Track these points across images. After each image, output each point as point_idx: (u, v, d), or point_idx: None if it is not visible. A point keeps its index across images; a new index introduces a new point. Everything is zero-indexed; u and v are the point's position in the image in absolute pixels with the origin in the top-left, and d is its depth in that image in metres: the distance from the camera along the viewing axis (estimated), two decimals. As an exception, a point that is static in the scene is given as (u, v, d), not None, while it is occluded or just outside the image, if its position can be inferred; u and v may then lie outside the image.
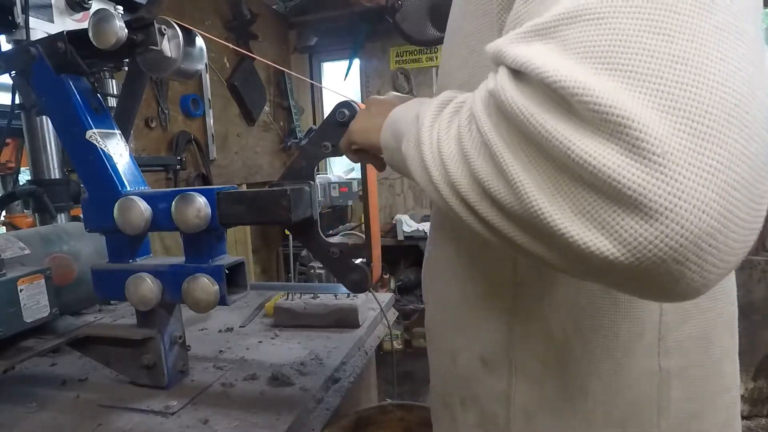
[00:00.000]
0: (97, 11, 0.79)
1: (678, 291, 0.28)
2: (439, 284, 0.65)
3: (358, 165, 0.77)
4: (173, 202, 0.77)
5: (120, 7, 1.27)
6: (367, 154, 0.67)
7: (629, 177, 0.26)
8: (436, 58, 3.46)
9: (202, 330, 1.24)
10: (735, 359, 0.57)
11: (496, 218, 0.34)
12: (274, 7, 3.45)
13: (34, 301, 0.88)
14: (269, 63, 3.01)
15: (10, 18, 1.16)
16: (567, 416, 0.52)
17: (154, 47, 0.82)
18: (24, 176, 1.57)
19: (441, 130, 0.39)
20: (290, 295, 1.28)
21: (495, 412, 0.56)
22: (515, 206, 0.32)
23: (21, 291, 0.85)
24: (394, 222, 3.32)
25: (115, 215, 0.80)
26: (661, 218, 0.26)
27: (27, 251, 1.00)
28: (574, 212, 0.29)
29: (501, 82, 0.32)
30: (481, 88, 0.37)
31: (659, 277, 0.28)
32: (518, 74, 0.32)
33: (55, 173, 1.37)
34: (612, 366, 0.51)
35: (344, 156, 0.70)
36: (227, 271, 0.81)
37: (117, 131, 0.91)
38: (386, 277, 3.40)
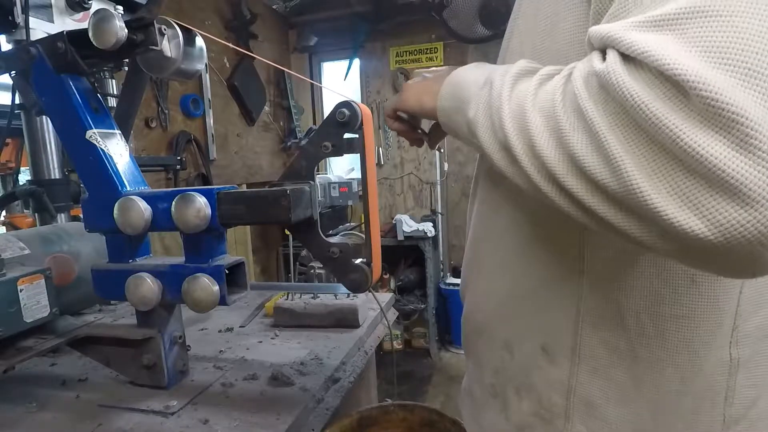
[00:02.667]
0: (97, 11, 0.79)
1: (755, 269, 0.32)
2: (491, 274, 0.63)
3: (358, 165, 0.77)
4: (173, 202, 0.77)
5: (120, 7, 1.27)
6: (407, 125, 0.65)
7: (734, 168, 0.29)
8: (436, 58, 3.46)
9: (202, 330, 1.24)
10: None
11: (586, 194, 0.36)
12: (274, 7, 3.45)
13: (34, 301, 0.88)
14: (269, 63, 3.01)
15: (10, 18, 1.16)
16: (634, 406, 0.51)
17: (154, 47, 0.82)
18: (24, 176, 1.57)
19: (525, 100, 0.40)
20: (290, 295, 1.28)
21: (553, 401, 0.55)
22: (611, 183, 0.34)
23: (21, 291, 0.85)
24: (394, 222, 3.32)
25: (115, 215, 0.80)
26: (757, 206, 0.29)
27: (27, 251, 1.00)
28: (670, 193, 0.31)
29: (612, 65, 0.33)
30: (580, 66, 0.37)
31: (742, 257, 0.31)
32: (630, 60, 0.33)
33: (55, 173, 1.37)
34: (689, 356, 0.50)
35: (386, 124, 0.67)
36: (227, 271, 0.81)
37: (117, 131, 0.91)
38: (386, 277, 3.40)
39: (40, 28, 1.21)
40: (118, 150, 0.88)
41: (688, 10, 0.31)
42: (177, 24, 0.85)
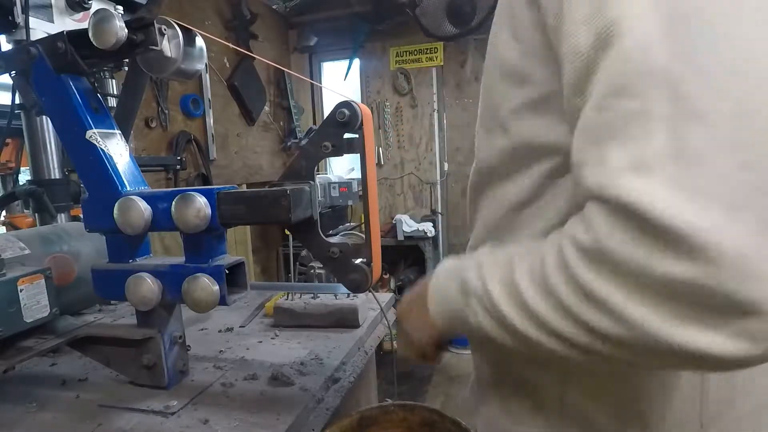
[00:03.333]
0: (97, 11, 0.79)
1: None
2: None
3: (358, 165, 0.77)
4: (173, 202, 0.77)
5: (120, 7, 1.27)
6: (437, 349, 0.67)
7: (748, 291, 0.31)
8: (436, 58, 3.46)
9: (202, 330, 1.24)
10: None
11: (613, 351, 0.38)
12: (274, 7, 3.46)
13: (34, 301, 0.87)
14: (269, 63, 3.01)
15: (10, 18, 1.16)
16: (624, 418, 0.53)
17: (154, 47, 0.82)
18: (24, 176, 1.57)
19: (527, 293, 0.42)
20: (290, 295, 1.28)
21: (547, 405, 0.57)
22: (639, 341, 0.36)
23: (21, 291, 0.85)
24: (394, 222, 3.33)
25: (115, 215, 0.80)
26: None
27: (27, 251, 1.00)
28: (702, 332, 0.33)
29: (605, 237, 0.35)
30: (566, 243, 0.39)
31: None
32: (614, 210, 0.35)
33: (55, 173, 1.37)
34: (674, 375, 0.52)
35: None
36: (227, 271, 0.81)
37: (117, 131, 0.91)
38: (386, 277, 3.40)
39: (40, 28, 1.21)
40: (118, 150, 0.88)
41: (673, 154, 0.33)
42: (177, 24, 0.85)
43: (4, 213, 1.65)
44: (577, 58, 0.39)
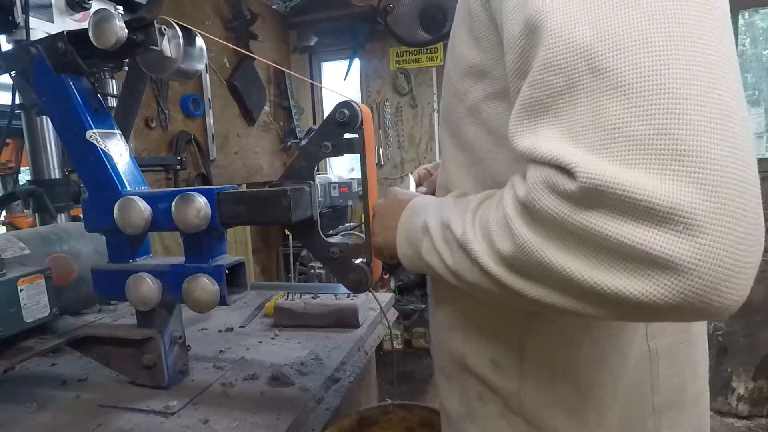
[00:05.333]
0: (97, 11, 0.79)
1: (707, 316, 0.36)
2: (450, 291, 0.66)
3: (358, 165, 0.77)
4: (173, 202, 0.77)
5: (120, 7, 1.27)
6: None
7: (663, 247, 0.33)
8: (436, 58, 3.46)
9: (202, 330, 1.24)
10: (705, 334, 0.63)
11: (544, 294, 0.41)
12: (274, 7, 3.45)
13: (34, 301, 0.87)
14: (269, 63, 3.01)
15: (10, 18, 1.16)
16: (580, 410, 0.55)
17: (154, 47, 0.82)
18: (24, 176, 1.57)
19: (471, 232, 0.46)
20: (290, 295, 1.28)
21: (511, 406, 0.58)
22: (563, 284, 0.39)
23: (21, 291, 0.85)
24: (394, 222, 3.31)
25: (115, 215, 0.80)
26: (689, 275, 0.33)
27: (27, 251, 1.00)
28: (618, 277, 0.36)
29: (534, 191, 0.39)
30: (507, 195, 0.43)
31: (691, 312, 0.35)
32: (544, 169, 0.38)
33: (55, 173, 1.37)
34: (618, 355, 0.54)
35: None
36: (227, 271, 0.81)
37: (117, 131, 0.91)
38: (386, 277, 3.40)
39: (40, 28, 1.21)
40: (118, 150, 0.88)
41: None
42: (177, 24, 0.85)
43: (4, 213, 1.65)
44: (514, 45, 0.42)
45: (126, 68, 0.96)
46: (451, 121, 0.60)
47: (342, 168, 3.81)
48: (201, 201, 0.76)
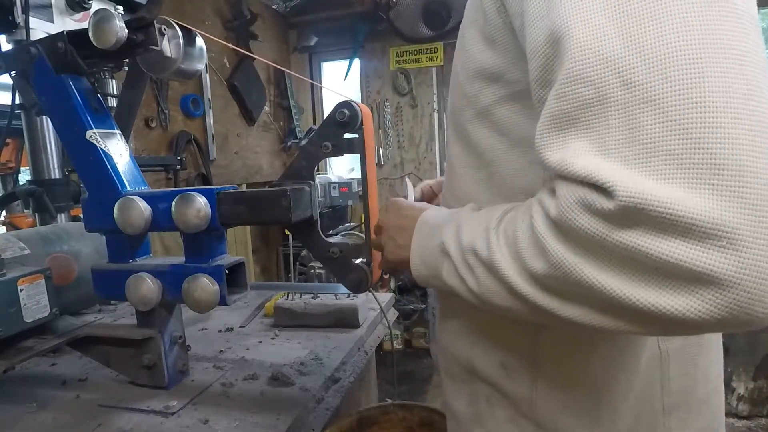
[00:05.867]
0: (97, 11, 0.79)
1: (752, 326, 0.35)
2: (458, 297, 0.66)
3: (358, 165, 0.77)
4: (173, 202, 0.77)
5: (120, 7, 1.27)
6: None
7: (706, 263, 0.33)
8: (436, 58, 3.46)
9: (202, 330, 1.24)
10: (719, 335, 0.63)
11: (580, 314, 0.41)
12: (274, 7, 3.45)
13: (34, 301, 0.87)
14: (269, 63, 3.01)
15: (10, 18, 1.16)
16: (593, 411, 0.55)
17: (154, 47, 0.82)
18: (24, 176, 1.57)
19: (499, 252, 0.45)
20: (290, 295, 1.28)
21: (521, 411, 0.58)
22: (601, 303, 0.38)
23: (21, 291, 0.85)
24: (394, 222, 3.31)
25: (115, 215, 0.80)
26: (734, 288, 0.32)
27: (27, 251, 1.00)
28: (662, 294, 0.35)
29: (568, 210, 0.38)
30: (537, 213, 0.42)
31: (736, 325, 0.34)
32: (577, 186, 0.37)
33: (55, 173, 1.37)
34: (633, 356, 0.54)
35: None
36: (227, 271, 0.81)
37: (117, 131, 0.91)
38: (386, 277, 3.40)
39: (40, 28, 1.21)
40: (118, 150, 0.88)
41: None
42: (177, 24, 0.85)
43: (4, 213, 1.65)
44: (538, 53, 0.41)
45: (126, 68, 0.96)
46: (459, 123, 0.59)
47: (342, 168, 3.81)
48: (201, 201, 0.76)
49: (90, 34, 0.79)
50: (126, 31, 0.79)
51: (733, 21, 0.34)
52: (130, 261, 0.88)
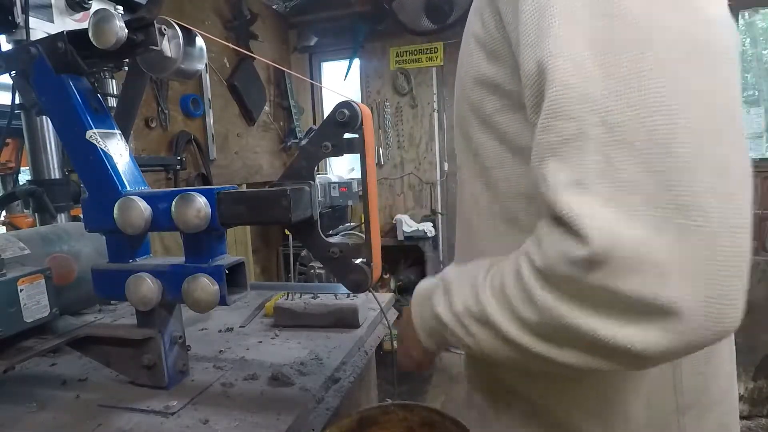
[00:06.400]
0: (97, 11, 0.79)
1: (713, 341, 0.38)
2: None
3: (358, 165, 0.77)
4: (173, 202, 0.77)
5: (120, 7, 1.27)
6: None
7: (668, 296, 0.36)
8: (436, 58, 3.46)
9: (202, 330, 1.24)
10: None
11: (572, 358, 0.43)
12: (274, 7, 3.45)
13: (34, 301, 0.87)
14: (269, 63, 3.01)
15: (10, 18, 1.16)
16: (605, 415, 0.56)
17: (154, 47, 0.82)
18: (24, 176, 1.57)
19: (488, 305, 0.48)
20: (290, 295, 1.28)
21: (537, 410, 0.59)
22: (582, 344, 0.41)
23: (21, 291, 0.85)
24: (394, 222, 3.32)
25: (115, 215, 0.80)
26: (690, 318, 0.36)
27: (27, 251, 1.00)
28: (630, 327, 0.38)
29: (550, 259, 0.41)
30: (523, 264, 0.44)
31: (699, 345, 0.38)
32: (558, 227, 0.40)
33: (55, 173, 1.37)
34: None
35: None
36: (227, 271, 0.81)
37: (117, 131, 0.91)
38: (386, 277, 3.40)
39: (40, 28, 1.21)
40: (118, 150, 0.88)
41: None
42: (177, 24, 0.85)
43: (4, 213, 1.65)
44: (531, 80, 0.44)
45: (126, 68, 0.96)
46: (465, 131, 0.60)
47: (342, 168, 3.81)
48: (201, 201, 0.76)
49: (90, 34, 0.79)
50: (126, 31, 0.79)
51: (709, 66, 0.37)
52: (130, 261, 0.88)
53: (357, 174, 3.58)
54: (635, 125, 0.37)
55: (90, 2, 1.29)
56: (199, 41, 0.91)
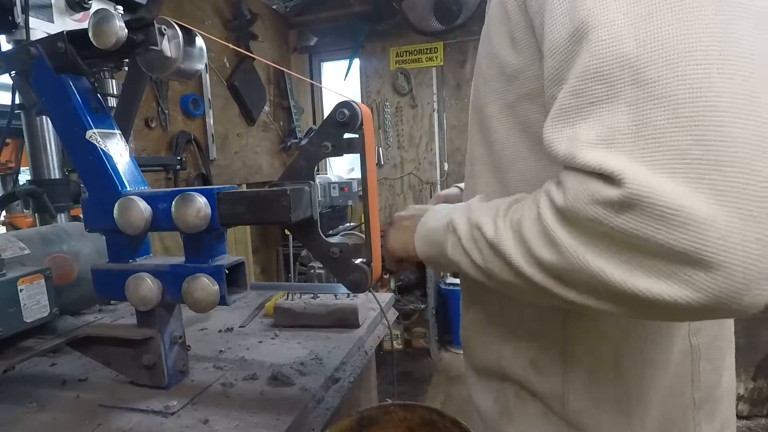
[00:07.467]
0: (97, 11, 0.79)
1: (739, 314, 0.36)
2: (484, 291, 0.66)
3: (358, 165, 0.77)
4: (173, 202, 0.77)
5: (120, 7, 1.27)
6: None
7: (699, 248, 0.34)
8: (436, 58, 3.46)
9: (202, 330, 1.24)
10: (733, 325, 0.65)
11: (576, 296, 0.43)
12: (274, 7, 3.45)
13: (34, 301, 0.87)
14: (269, 63, 3.01)
15: (10, 18, 1.16)
16: (624, 407, 0.55)
17: (154, 47, 0.82)
18: (24, 176, 1.57)
19: (505, 235, 0.47)
20: (290, 295, 1.28)
21: (553, 408, 0.58)
22: (599, 287, 0.40)
23: (21, 291, 0.85)
24: (394, 222, 3.31)
25: (115, 215, 0.80)
26: (723, 274, 0.34)
27: (27, 251, 1.00)
28: (653, 277, 0.37)
29: (575, 200, 0.39)
30: (543, 204, 0.43)
31: (724, 311, 0.36)
32: (584, 175, 0.39)
33: (55, 173, 1.37)
34: (660, 352, 0.55)
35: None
36: (227, 271, 0.81)
37: (117, 131, 0.91)
38: (386, 277, 3.40)
39: (40, 28, 1.21)
40: (118, 150, 0.88)
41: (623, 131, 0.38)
42: (177, 24, 0.85)
43: (4, 213, 1.65)
44: (557, 51, 0.43)
45: (126, 68, 0.96)
46: (482, 121, 0.60)
47: (342, 168, 3.81)
48: (201, 201, 0.76)
49: (90, 34, 0.79)
50: (126, 31, 0.79)
51: (746, 22, 0.35)
52: (130, 261, 0.88)
53: (357, 174, 3.58)
54: (669, 80, 0.35)
55: (90, 2, 1.29)
56: (199, 41, 0.91)
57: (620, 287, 0.38)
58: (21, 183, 1.55)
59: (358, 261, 0.77)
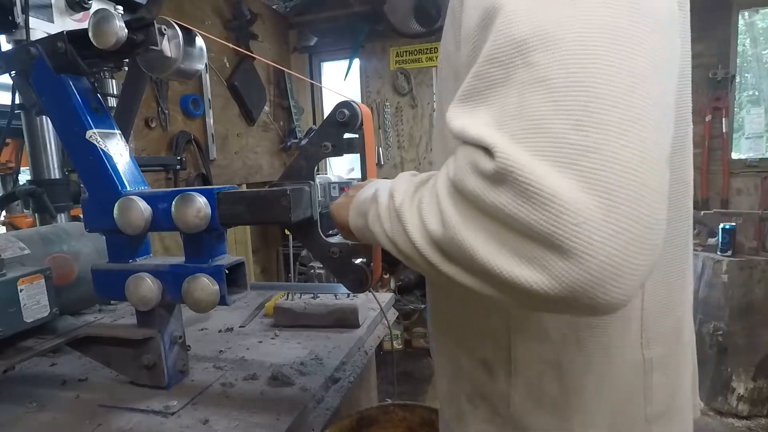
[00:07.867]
0: (97, 11, 0.79)
1: (592, 311, 0.36)
2: (443, 292, 0.67)
3: (358, 165, 0.77)
4: (173, 202, 0.77)
5: (120, 7, 1.27)
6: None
7: (557, 231, 0.34)
8: (436, 58, 3.46)
9: (202, 330, 1.24)
10: (694, 341, 0.64)
11: (457, 273, 0.42)
12: (274, 7, 3.46)
13: (34, 301, 0.87)
14: (269, 63, 3.01)
15: (10, 18, 1.16)
16: (564, 412, 0.55)
17: (154, 47, 0.82)
18: (24, 176, 1.57)
19: (408, 204, 0.48)
20: (290, 295, 1.28)
21: (499, 410, 0.58)
22: (474, 265, 0.39)
23: (21, 291, 0.85)
24: (394, 222, 3.31)
25: (115, 215, 0.80)
26: (579, 264, 0.34)
27: (27, 251, 1.00)
28: (517, 263, 0.37)
29: (460, 170, 0.40)
30: (441, 174, 0.44)
31: (577, 306, 0.36)
32: (470, 150, 0.39)
33: (55, 173, 1.37)
34: (605, 361, 0.54)
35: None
36: (227, 271, 0.81)
37: (117, 131, 0.91)
38: (386, 277, 3.40)
39: (40, 28, 1.21)
40: (118, 150, 0.88)
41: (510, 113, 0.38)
42: (177, 24, 0.85)
43: (4, 213, 1.65)
44: (469, 40, 0.44)
45: (126, 68, 0.96)
46: (440, 120, 0.61)
47: (342, 168, 3.81)
48: (201, 201, 0.76)
49: (90, 34, 0.79)
50: (126, 31, 0.79)
51: (636, 19, 0.36)
52: (130, 261, 0.88)
53: (357, 174, 3.58)
54: (551, 63, 0.36)
55: (90, 2, 1.29)
56: (199, 41, 0.91)
57: (485, 265, 0.38)
58: (21, 183, 1.56)
59: (358, 261, 0.77)
